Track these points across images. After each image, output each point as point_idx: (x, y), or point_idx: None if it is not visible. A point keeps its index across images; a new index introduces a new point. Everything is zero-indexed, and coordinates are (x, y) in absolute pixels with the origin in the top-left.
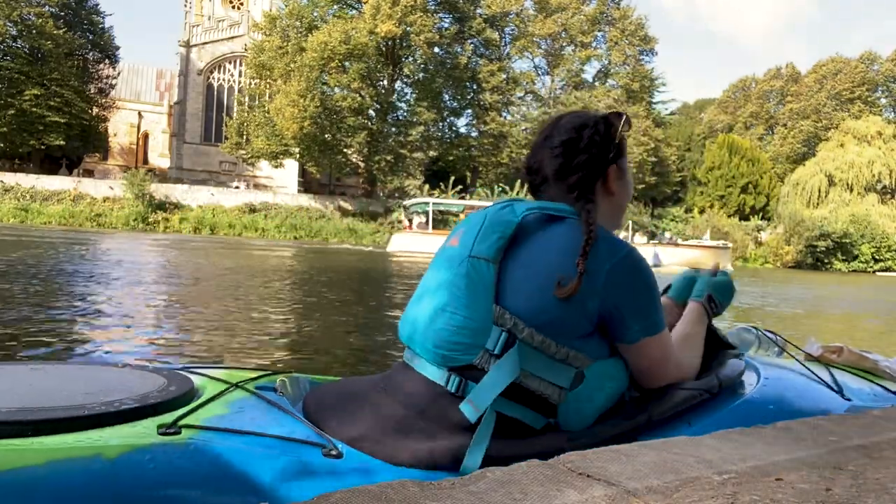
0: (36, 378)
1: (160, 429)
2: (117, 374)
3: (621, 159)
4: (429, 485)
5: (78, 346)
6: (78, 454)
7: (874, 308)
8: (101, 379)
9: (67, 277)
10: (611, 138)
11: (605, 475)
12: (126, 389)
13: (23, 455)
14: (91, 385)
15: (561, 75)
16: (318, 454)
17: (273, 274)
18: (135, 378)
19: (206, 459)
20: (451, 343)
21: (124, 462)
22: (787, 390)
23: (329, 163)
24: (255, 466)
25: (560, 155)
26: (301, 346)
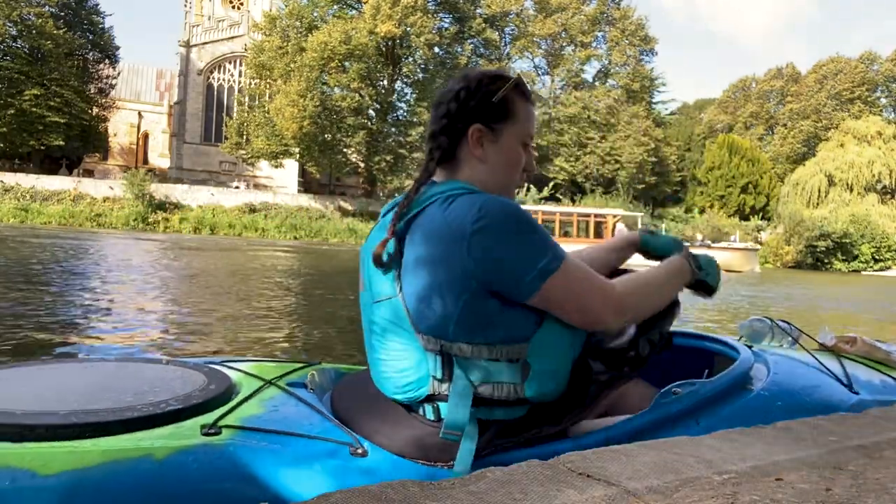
0: (85, 376)
1: (202, 429)
2: (160, 371)
3: (501, 123)
4: (429, 485)
5: (98, 342)
6: (129, 455)
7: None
8: (146, 377)
9: (76, 277)
10: (482, 98)
11: (605, 475)
12: (170, 389)
13: (81, 457)
14: (137, 383)
15: (561, 75)
16: (346, 453)
17: (286, 274)
18: (176, 376)
19: (243, 460)
20: (401, 386)
21: (171, 463)
22: (795, 385)
23: (329, 163)
24: (287, 466)
25: (434, 120)
26: (319, 339)
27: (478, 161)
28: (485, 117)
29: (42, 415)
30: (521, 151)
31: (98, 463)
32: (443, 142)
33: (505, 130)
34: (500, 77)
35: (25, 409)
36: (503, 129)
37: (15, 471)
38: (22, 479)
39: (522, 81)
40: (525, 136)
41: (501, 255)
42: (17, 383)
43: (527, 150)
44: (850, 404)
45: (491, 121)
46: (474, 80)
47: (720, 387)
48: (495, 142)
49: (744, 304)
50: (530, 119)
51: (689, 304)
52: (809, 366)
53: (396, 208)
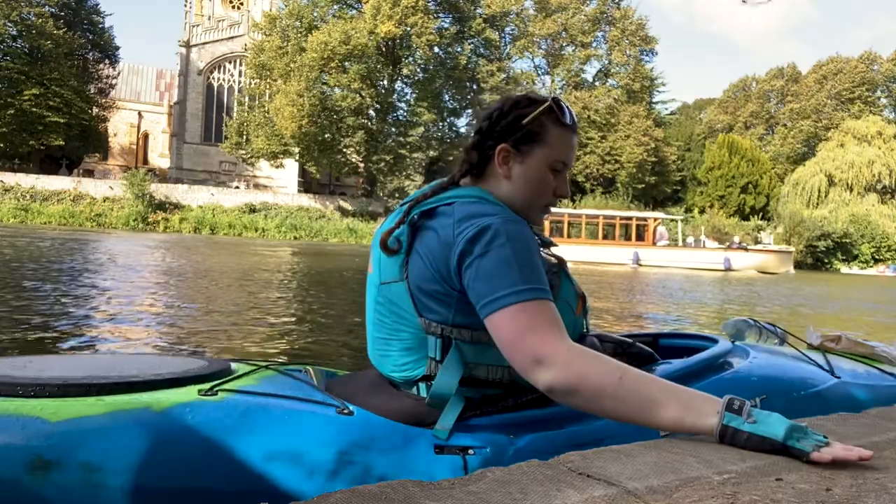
0: (96, 361)
1: (200, 392)
2: (167, 359)
3: (529, 145)
4: (429, 484)
5: (107, 342)
6: (130, 407)
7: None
8: (152, 362)
9: (81, 277)
10: (513, 120)
11: (605, 475)
12: (173, 366)
13: (86, 408)
14: (144, 366)
15: (561, 75)
16: (333, 412)
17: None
18: (180, 361)
19: (237, 412)
20: (400, 365)
21: (169, 413)
22: (774, 367)
23: (329, 163)
24: (278, 419)
25: (472, 137)
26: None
27: (503, 178)
28: (513, 138)
29: (54, 378)
30: (548, 175)
31: (101, 413)
32: (472, 157)
33: (532, 153)
34: (536, 101)
35: (40, 376)
36: (531, 151)
37: (26, 418)
38: (32, 425)
39: (559, 107)
40: (554, 160)
41: (472, 273)
42: (35, 363)
43: (558, 175)
44: (829, 385)
45: (519, 142)
46: (509, 102)
47: (694, 364)
48: (521, 163)
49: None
50: (564, 145)
51: (693, 304)
52: (790, 356)
53: (414, 199)
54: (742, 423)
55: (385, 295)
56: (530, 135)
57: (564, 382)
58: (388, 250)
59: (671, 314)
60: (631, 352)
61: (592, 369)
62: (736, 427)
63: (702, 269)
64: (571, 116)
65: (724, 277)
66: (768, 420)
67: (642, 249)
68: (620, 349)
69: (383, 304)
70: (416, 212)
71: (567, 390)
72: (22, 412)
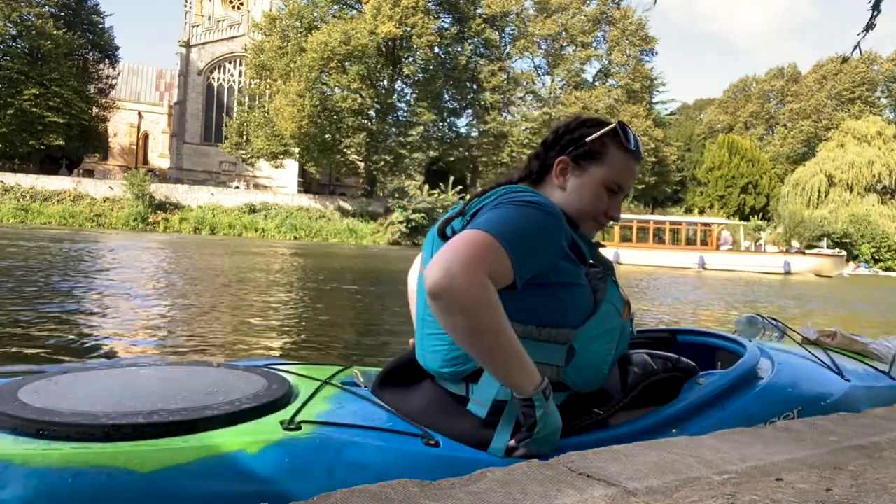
0: (147, 379)
1: (282, 425)
2: (217, 374)
3: (587, 162)
4: (429, 485)
5: (117, 345)
6: (223, 451)
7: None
8: (208, 379)
9: (89, 278)
10: (578, 136)
11: (605, 475)
12: (237, 389)
13: (175, 454)
14: (203, 385)
15: (561, 75)
16: (420, 444)
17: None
18: (238, 378)
19: (330, 452)
20: (450, 360)
21: (264, 457)
22: (798, 375)
23: (329, 163)
24: (371, 457)
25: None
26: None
27: (557, 188)
28: (574, 153)
29: (125, 415)
30: (601, 193)
31: (193, 459)
32: (533, 164)
33: (589, 169)
34: (604, 123)
35: (104, 409)
36: (588, 167)
37: (111, 470)
38: (119, 479)
39: (624, 132)
40: (610, 181)
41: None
42: (82, 386)
43: (613, 197)
44: (843, 391)
45: (579, 157)
46: (578, 120)
47: (737, 376)
48: (578, 176)
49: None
50: (622, 168)
51: (691, 300)
52: (803, 357)
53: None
54: (541, 407)
55: None
56: (591, 152)
57: (458, 300)
58: (444, 237)
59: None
60: (679, 366)
61: (488, 306)
62: (536, 405)
63: (763, 272)
64: (636, 144)
65: (784, 280)
66: (553, 419)
67: (707, 254)
68: (670, 364)
69: None
70: (471, 205)
71: (452, 306)
72: (102, 462)
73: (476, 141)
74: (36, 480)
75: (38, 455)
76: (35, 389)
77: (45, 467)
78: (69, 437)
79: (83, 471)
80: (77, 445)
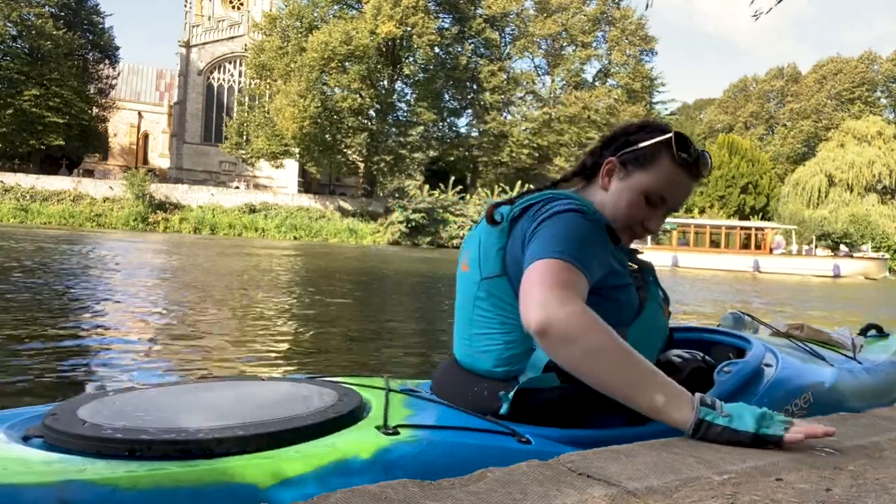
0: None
1: (380, 429)
2: (285, 387)
3: (635, 167)
4: (429, 485)
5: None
6: (340, 457)
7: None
8: (278, 393)
9: (97, 283)
10: (631, 140)
11: (605, 475)
12: (313, 400)
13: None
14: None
15: (561, 75)
16: (514, 442)
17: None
18: (306, 391)
19: (438, 453)
20: (504, 359)
21: (380, 460)
22: (798, 363)
23: (329, 163)
24: (475, 456)
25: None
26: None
27: (602, 189)
28: (624, 155)
29: (221, 429)
30: (639, 202)
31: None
32: (587, 160)
33: (634, 175)
34: (664, 130)
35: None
36: (633, 173)
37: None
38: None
39: (682, 145)
40: (652, 190)
41: (536, 230)
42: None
43: (653, 208)
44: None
45: (628, 161)
46: (639, 123)
47: (756, 365)
48: (622, 180)
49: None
50: (669, 180)
51: (700, 298)
52: (797, 349)
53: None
54: (716, 416)
55: (488, 290)
56: (640, 158)
57: (563, 330)
58: (493, 221)
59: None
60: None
61: (596, 327)
62: (711, 421)
63: (814, 275)
64: (698, 159)
65: (834, 283)
66: (741, 413)
67: (761, 258)
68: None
69: (485, 300)
70: (521, 201)
71: (564, 338)
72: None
73: (476, 141)
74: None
75: (144, 477)
76: (95, 410)
77: (156, 488)
78: (167, 456)
79: (200, 489)
80: (182, 464)
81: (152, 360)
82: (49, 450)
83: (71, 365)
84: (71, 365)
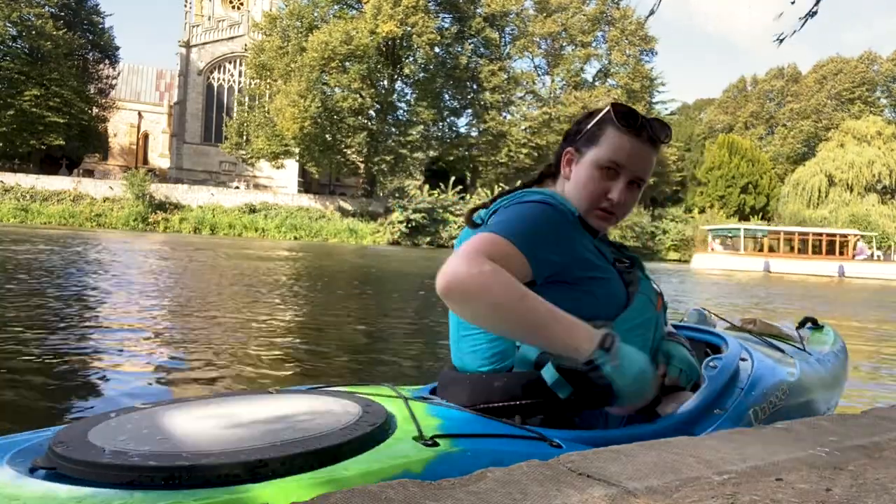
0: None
1: (419, 441)
2: (308, 401)
3: (586, 147)
4: (429, 485)
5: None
6: (394, 472)
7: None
8: (299, 408)
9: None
10: (583, 125)
11: (605, 475)
12: (340, 414)
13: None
14: (303, 413)
15: (561, 75)
16: (547, 447)
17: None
18: (329, 404)
19: (485, 462)
20: (489, 357)
21: (431, 472)
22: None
23: (329, 163)
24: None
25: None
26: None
27: (565, 179)
28: (577, 142)
29: (259, 450)
30: (595, 174)
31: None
32: (552, 159)
33: (587, 153)
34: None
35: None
36: (586, 152)
37: None
38: None
39: (616, 110)
40: (603, 159)
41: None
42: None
43: (611, 179)
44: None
45: (580, 145)
46: (586, 113)
47: (735, 361)
48: (578, 163)
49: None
50: (616, 146)
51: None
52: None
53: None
54: (606, 362)
55: None
56: (590, 137)
57: (462, 289)
58: (472, 224)
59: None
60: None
61: (498, 282)
62: (599, 364)
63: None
64: (640, 122)
65: None
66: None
67: (846, 263)
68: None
69: None
70: (497, 202)
71: (462, 296)
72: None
73: (476, 140)
74: None
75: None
76: (108, 434)
77: None
78: (209, 483)
79: None
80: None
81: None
82: (72, 483)
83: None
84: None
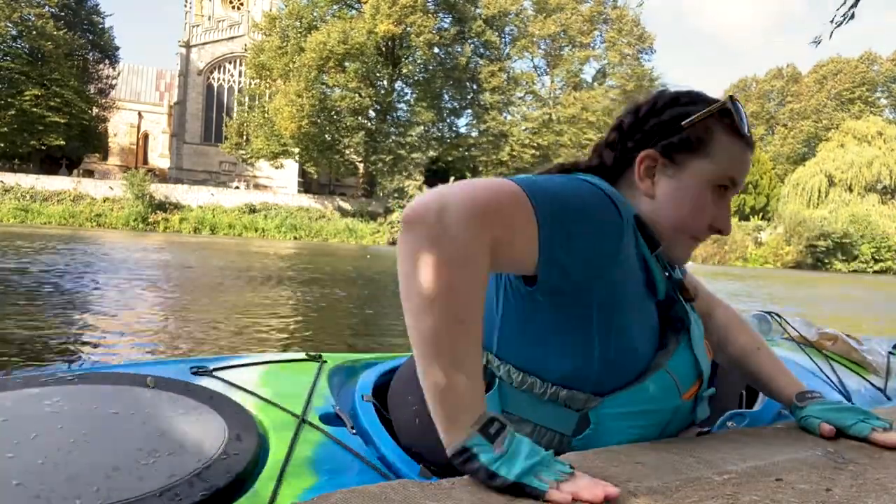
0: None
1: None
2: (154, 404)
3: (685, 155)
4: (429, 485)
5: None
6: None
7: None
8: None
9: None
10: (668, 120)
11: (605, 475)
12: (189, 446)
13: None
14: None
15: (560, 75)
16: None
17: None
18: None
19: None
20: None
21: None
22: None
23: (328, 163)
24: None
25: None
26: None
27: (642, 195)
28: (665, 144)
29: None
30: (707, 197)
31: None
32: (606, 156)
33: (690, 166)
34: (703, 100)
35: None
36: (688, 163)
37: None
38: None
39: (734, 110)
40: (720, 178)
41: None
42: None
43: (721, 201)
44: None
45: (673, 149)
46: (666, 97)
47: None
48: (672, 177)
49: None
50: (735, 160)
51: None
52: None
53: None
54: (488, 450)
55: None
56: (690, 142)
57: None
58: None
59: None
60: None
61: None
62: (475, 453)
63: None
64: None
65: None
66: (517, 453)
67: None
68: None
69: None
70: None
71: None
72: None
73: (476, 141)
74: None
75: None
76: None
77: None
78: None
79: None
80: None
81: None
82: None
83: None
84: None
